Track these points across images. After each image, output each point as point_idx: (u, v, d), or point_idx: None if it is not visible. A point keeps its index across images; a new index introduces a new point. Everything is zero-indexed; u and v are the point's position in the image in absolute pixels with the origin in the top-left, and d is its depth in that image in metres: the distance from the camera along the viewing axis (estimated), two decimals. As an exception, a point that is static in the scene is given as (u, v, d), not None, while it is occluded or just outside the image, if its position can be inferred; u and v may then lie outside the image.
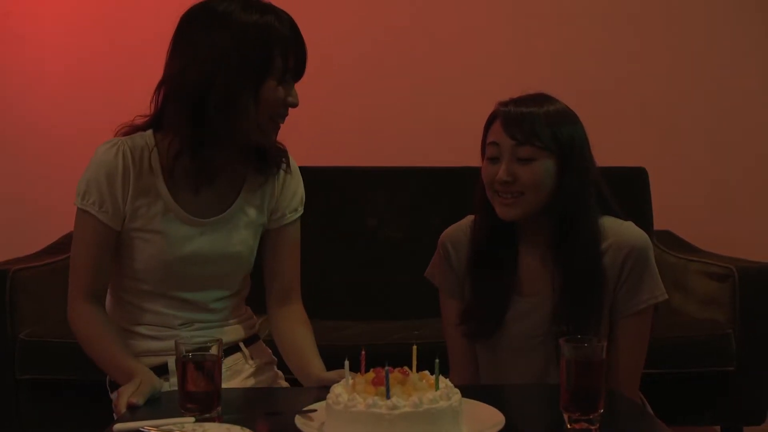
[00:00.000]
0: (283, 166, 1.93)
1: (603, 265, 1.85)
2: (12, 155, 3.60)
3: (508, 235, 1.90)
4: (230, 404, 1.54)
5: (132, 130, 1.86)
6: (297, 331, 1.94)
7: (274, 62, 1.74)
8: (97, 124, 3.56)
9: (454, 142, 3.55)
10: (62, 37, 3.59)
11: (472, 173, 1.98)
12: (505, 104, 1.86)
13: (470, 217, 1.97)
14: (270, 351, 2.05)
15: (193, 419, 1.44)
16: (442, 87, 3.63)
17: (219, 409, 1.48)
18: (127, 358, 1.79)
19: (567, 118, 1.85)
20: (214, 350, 1.48)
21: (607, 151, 2.07)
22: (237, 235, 1.89)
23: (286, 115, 1.82)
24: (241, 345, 1.96)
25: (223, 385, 1.56)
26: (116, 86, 3.54)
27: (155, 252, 1.83)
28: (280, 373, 2.04)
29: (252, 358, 1.97)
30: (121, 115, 1.86)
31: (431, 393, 1.38)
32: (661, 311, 1.96)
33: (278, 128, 1.83)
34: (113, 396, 1.91)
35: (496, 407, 1.48)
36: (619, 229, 1.87)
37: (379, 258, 3.29)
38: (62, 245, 3.22)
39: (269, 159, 1.90)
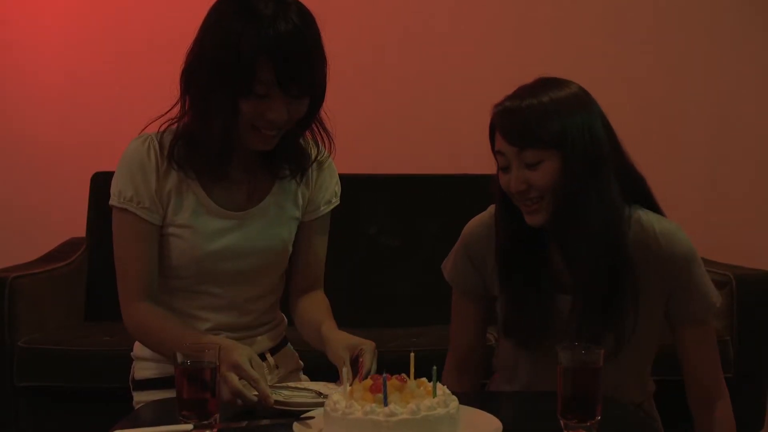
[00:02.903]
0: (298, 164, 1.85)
1: (647, 267, 1.75)
2: (11, 162, 3.60)
3: (536, 233, 1.78)
4: (228, 411, 1.54)
5: (166, 121, 1.80)
6: (314, 305, 1.90)
7: (251, 76, 1.64)
8: (96, 131, 3.60)
9: (453, 149, 3.56)
10: (60, 45, 3.60)
11: (470, 181, 1.97)
12: (498, 106, 1.76)
13: (491, 209, 1.86)
14: (297, 356, 2.02)
15: (191, 426, 1.44)
16: (442, 95, 3.63)
17: (217, 416, 1.48)
18: (204, 335, 1.74)
19: (567, 107, 1.72)
20: (211, 358, 1.48)
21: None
22: (270, 229, 1.84)
23: (277, 126, 1.72)
24: (267, 355, 1.91)
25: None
26: (115, 94, 3.55)
27: (187, 247, 1.79)
28: (305, 377, 2.01)
29: (277, 367, 1.93)
30: (120, 122, 1.86)
31: (429, 400, 1.39)
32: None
33: (269, 137, 1.73)
34: (137, 395, 1.90)
35: (493, 414, 1.48)
36: (671, 238, 1.77)
37: (378, 265, 3.29)
38: (61, 253, 3.23)
39: (281, 161, 1.83)
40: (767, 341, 2.85)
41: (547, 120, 1.70)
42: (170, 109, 1.78)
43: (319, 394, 1.63)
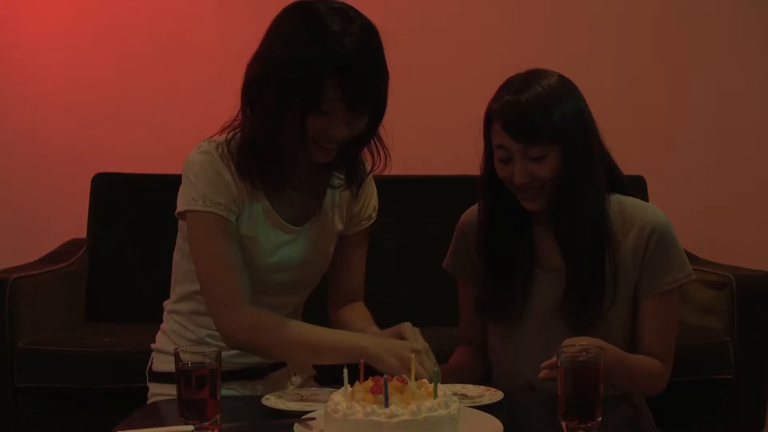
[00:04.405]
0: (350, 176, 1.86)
1: (623, 244, 1.83)
2: (12, 163, 3.60)
3: (520, 213, 1.87)
4: (229, 412, 1.54)
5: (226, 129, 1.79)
6: (357, 314, 1.93)
7: (319, 94, 1.64)
8: (97, 132, 3.60)
9: (451, 150, 3.55)
10: (61, 46, 3.59)
11: (469, 182, 1.98)
12: (497, 101, 1.82)
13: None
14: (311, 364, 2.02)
15: (192, 427, 1.44)
16: (440, 95, 3.63)
17: (218, 417, 1.48)
18: (344, 332, 1.77)
19: (560, 96, 1.81)
20: (212, 359, 1.49)
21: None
22: (319, 243, 1.86)
23: (336, 141, 1.72)
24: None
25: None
26: (115, 94, 3.55)
27: (246, 258, 1.77)
28: (316, 384, 2.00)
29: (296, 374, 1.93)
30: (121, 123, 1.85)
31: (429, 401, 1.39)
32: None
33: (328, 150, 1.73)
34: (152, 387, 1.88)
35: (493, 415, 1.49)
36: (643, 210, 1.87)
37: (376, 267, 3.27)
38: (62, 253, 3.23)
39: (338, 172, 1.85)
40: (767, 341, 2.85)
41: (548, 114, 1.77)
42: (234, 120, 1.77)
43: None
